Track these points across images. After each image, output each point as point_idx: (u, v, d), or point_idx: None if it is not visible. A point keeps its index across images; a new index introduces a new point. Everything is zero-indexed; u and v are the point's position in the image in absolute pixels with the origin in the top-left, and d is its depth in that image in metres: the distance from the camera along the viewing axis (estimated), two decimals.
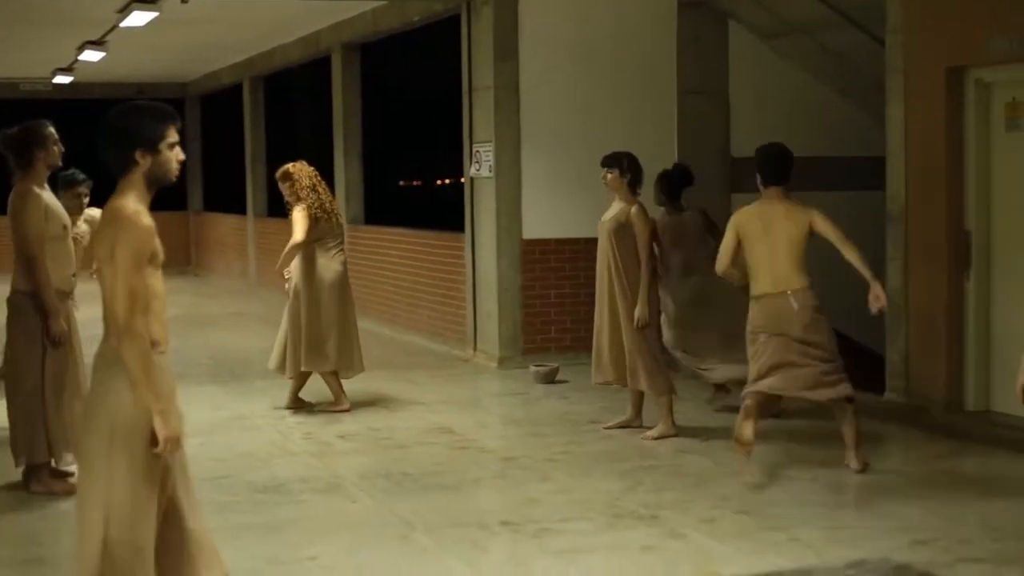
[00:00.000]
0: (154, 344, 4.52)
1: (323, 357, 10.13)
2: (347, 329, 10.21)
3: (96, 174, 9.57)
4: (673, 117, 12.95)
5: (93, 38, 17.36)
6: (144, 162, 4.55)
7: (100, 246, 4.54)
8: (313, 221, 10.06)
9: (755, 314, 8.05)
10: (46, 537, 7.09)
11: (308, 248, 10.10)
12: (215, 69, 23.52)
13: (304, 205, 10.10)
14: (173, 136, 4.61)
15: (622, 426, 9.43)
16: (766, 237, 7.98)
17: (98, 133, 4.59)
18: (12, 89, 24.15)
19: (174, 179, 4.68)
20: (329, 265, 10.16)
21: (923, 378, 9.62)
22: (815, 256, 8.11)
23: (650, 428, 9.21)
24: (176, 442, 4.52)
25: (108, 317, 4.54)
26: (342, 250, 10.33)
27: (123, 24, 15.05)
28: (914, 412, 9.66)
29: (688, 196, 10.24)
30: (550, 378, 11.55)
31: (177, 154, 4.63)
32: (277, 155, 21.61)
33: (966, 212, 9.44)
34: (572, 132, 12.56)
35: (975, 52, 9.21)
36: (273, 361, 10.34)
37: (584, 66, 12.67)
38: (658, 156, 12.61)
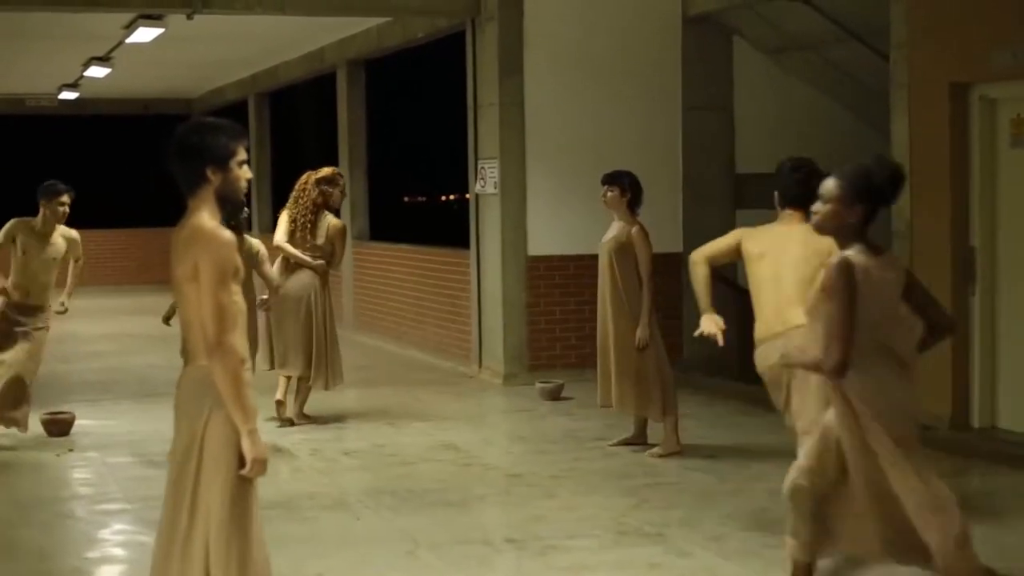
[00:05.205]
0: (242, 361, 4.46)
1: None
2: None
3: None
4: (678, 133, 12.96)
5: (99, 54, 17.43)
6: (215, 179, 4.48)
7: (180, 266, 4.45)
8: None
9: None
10: (55, 551, 7.09)
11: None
12: (220, 85, 23.57)
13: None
14: (242, 154, 4.54)
15: (627, 443, 9.41)
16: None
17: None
18: (18, 105, 24.24)
19: (242, 198, 4.62)
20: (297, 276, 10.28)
21: (928, 394, 9.60)
22: None
23: (655, 445, 9.20)
24: (264, 464, 4.44)
25: (193, 337, 4.47)
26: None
27: (129, 40, 15.10)
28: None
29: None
30: (555, 395, 11.54)
31: (245, 172, 4.56)
32: (282, 171, 21.66)
33: (971, 228, 9.43)
34: (577, 148, 12.56)
35: (979, 68, 9.21)
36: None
37: (589, 82, 12.68)
38: (664, 172, 12.67)
